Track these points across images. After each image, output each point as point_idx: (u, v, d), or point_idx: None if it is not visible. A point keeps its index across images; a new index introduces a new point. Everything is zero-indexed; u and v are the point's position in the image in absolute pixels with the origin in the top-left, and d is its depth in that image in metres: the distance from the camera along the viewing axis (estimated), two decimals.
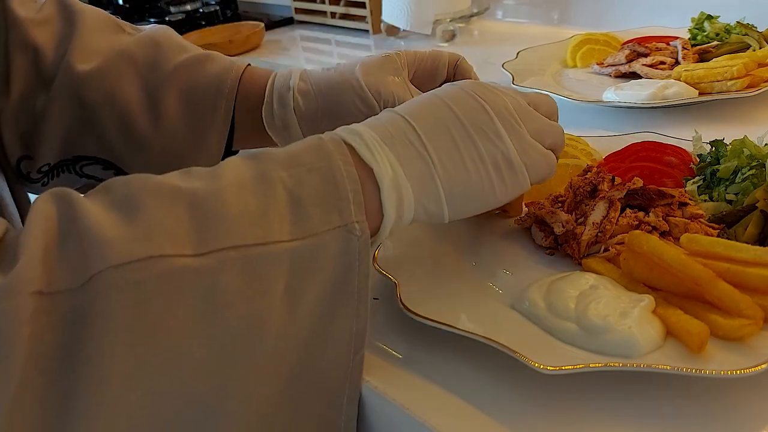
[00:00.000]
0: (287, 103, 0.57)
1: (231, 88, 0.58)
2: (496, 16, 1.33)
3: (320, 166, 0.37)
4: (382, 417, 0.41)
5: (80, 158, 0.60)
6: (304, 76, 0.58)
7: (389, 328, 0.45)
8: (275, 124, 0.58)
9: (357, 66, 0.56)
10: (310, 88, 0.57)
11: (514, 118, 0.42)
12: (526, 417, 0.37)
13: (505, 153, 0.41)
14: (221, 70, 0.59)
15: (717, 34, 0.91)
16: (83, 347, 0.30)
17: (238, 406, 0.35)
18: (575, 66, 0.94)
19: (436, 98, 0.43)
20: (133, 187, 0.34)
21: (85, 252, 0.31)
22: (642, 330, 0.38)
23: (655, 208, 0.49)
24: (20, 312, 0.29)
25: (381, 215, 0.39)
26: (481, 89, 0.43)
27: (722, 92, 0.73)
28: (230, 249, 0.33)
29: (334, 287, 0.36)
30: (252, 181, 0.36)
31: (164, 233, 0.32)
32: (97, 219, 0.32)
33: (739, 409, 0.36)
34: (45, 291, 0.30)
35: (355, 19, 1.36)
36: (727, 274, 0.39)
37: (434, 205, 0.40)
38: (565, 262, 0.49)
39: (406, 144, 0.40)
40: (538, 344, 0.39)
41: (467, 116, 0.41)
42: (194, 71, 0.59)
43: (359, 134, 0.39)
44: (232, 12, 1.67)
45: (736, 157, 0.52)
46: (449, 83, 0.45)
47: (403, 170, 0.39)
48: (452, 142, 0.40)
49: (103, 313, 0.30)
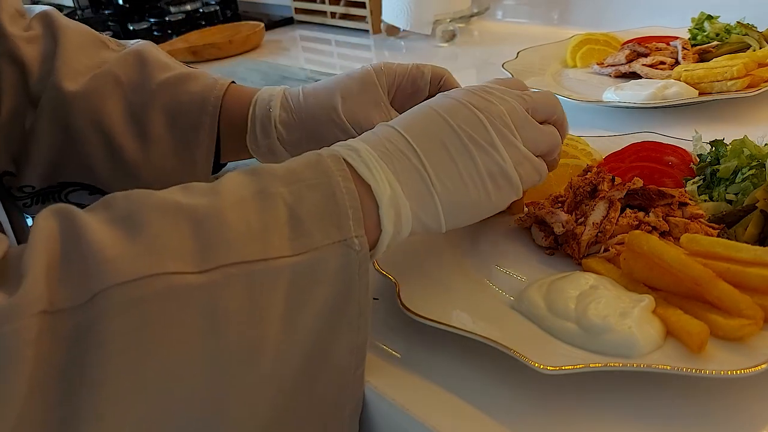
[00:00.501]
0: (270, 134, 0.57)
1: (214, 106, 0.58)
2: (496, 16, 1.33)
3: (320, 182, 0.37)
4: (382, 417, 0.41)
5: (66, 185, 0.60)
6: (285, 104, 0.58)
7: (389, 328, 0.45)
8: (260, 150, 0.59)
9: (337, 93, 0.55)
10: (291, 118, 0.57)
11: (510, 129, 0.42)
12: (526, 417, 0.37)
13: (501, 164, 0.41)
14: (204, 88, 0.59)
15: (717, 34, 0.91)
16: (86, 365, 0.30)
17: (239, 423, 0.35)
18: (575, 66, 0.94)
19: (432, 110, 0.42)
20: (134, 202, 0.34)
21: (88, 270, 0.31)
22: (642, 330, 0.38)
23: (655, 208, 0.49)
24: (26, 333, 0.29)
25: (379, 230, 0.39)
26: (476, 99, 0.43)
27: (722, 92, 0.73)
28: (232, 265, 0.33)
29: (335, 302, 0.36)
30: (252, 198, 0.36)
31: (167, 250, 0.32)
32: (100, 236, 0.32)
33: (739, 409, 0.36)
34: (48, 310, 0.30)
35: (355, 19, 1.36)
36: (727, 274, 0.39)
37: (432, 219, 0.41)
38: (565, 262, 0.49)
39: (403, 160, 0.40)
40: (538, 344, 0.39)
41: (463, 128, 0.41)
42: (177, 89, 0.59)
43: (357, 151, 0.40)
44: (232, 12, 1.67)
45: (736, 157, 0.52)
46: (443, 93, 0.44)
47: (401, 186, 0.39)
48: (448, 155, 0.40)
49: (106, 331, 0.30)
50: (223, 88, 0.59)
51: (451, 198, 0.40)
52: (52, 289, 0.30)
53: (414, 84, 0.57)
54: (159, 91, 0.59)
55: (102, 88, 0.58)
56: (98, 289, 0.30)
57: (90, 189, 0.60)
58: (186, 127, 0.58)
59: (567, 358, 0.38)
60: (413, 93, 0.57)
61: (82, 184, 0.60)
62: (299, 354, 0.36)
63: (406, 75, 0.57)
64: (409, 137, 0.41)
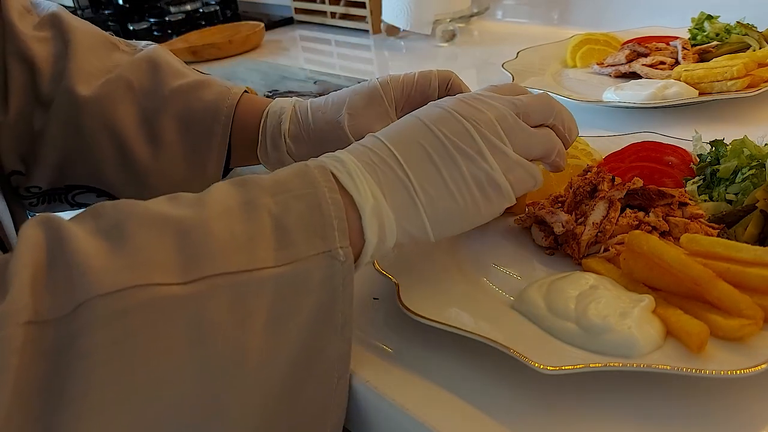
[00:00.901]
0: (280, 147, 0.58)
1: (227, 115, 0.59)
2: (496, 16, 1.33)
3: (306, 193, 0.37)
4: (382, 417, 0.41)
5: (73, 187, 0.60)
6: (294, 118, 0.58)
7: (389, 328, 0.45)
8: (270, 161, 0.60)
9: (343, 109, 0.56)
10: (299, 133, 0.58)
11: (498, 136, 0.42)
12: (526, 417, 0.37)
13: (489, 173, 0.41)
14: (217, 96, 0.59)
15: (717, 34, 0.91)
16: (69, 376, 0.30)
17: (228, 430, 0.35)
18: (575, 66, 0.94)
19: (418, 121, 0.42)
20: (121, 213, 0.34)
21: (72, 280, 0.31)
22: (642, 330, 0.38)
23: (655, 208, 0.49)
24: (11, 341, 0.29)
25: (363, 241, 0.39)
26: (464, 107, 0.42)
27: (722, 92, 0.73)
28: (217, 276, 0.33)
29: (319, 312, 0.36)
30: (238, 208, 0.36)
31: (151, 262, 0.32)
32: (85, 247, 0.32)
33: (739, 409, 0.36)
34: (32, 320, 0.30)
35: (355, 19, 1.36)
36: (727, 274, 0.39)
37: (417, 229, 0.40)
38: (565, 262, 0.49)
39: (388, 170, 0.40)
40: (538, 344, 0.39)
41: (449, 137, 0.41)
42: (190, 96, 0.59)
43: (343, 162, 0.40)
44: (232, 12, 1.67)
45: (736, 157, 0.52)
46: (432, 102, 0.44)
47: (385, 198, 0.39)
48: (433, 166, 0.40)
49: (89, 343, 0.30)
50: (236, 98, 0.59)
51: (437, 208, 0.40)
52: (37, 299, 0.30)
53: (423, 93, 0.57)
54: (172, 97, 0.59)
55: (114, 93, 0.58)
56: (82, 299, 0.30)
57: (97, 192, 0.60)
58: (198, 134, 0.58)
59: (567, 358, 0.38)
60: (423, 101, 0.57)
61: (90, 187, 0.60)
62: (284, 362, 0.36)
63: (414, 84, 0.57)
64: (393, 148, 0.41)
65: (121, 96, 0.58)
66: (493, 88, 0.46)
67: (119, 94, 0.58)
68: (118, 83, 0.59)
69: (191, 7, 1.60)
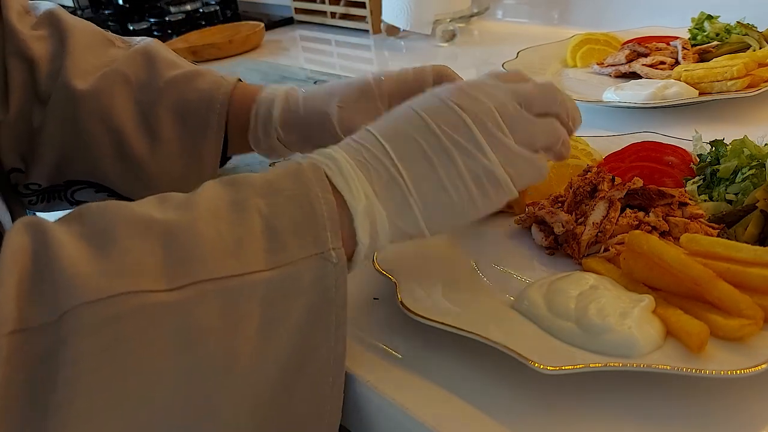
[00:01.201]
0: (270, 134, 0.58)
1: (222, 104, 0.58)
2: (496, 16, 1.33)
3: (298, 193, 0.37)
4: (382, 417, 0.41)
5: (72, 183, 0.60)
6: (285, 105, 0.58)
7: (389, 328, 0.45)
8: (262, 147, 0.60)
9: (333, 100, 0.55)
10: (289, 120, 0.58)
11: (498, 126, 0.40)
12: (526, 417, 0.37)
13: (487, 166, 0.39)
14: (212, 86, 0.59)
15: (717, 34, 0.91)
16: (56, 383, 0.30)
17: None
18: (575, 66, 0.95)
19: (412, 111, 0.41)
20: (107, 217, 0.34)
21: (57, 288, 0.30)
22: (642, 330, 0.38)
23: (655, 208, 0.49)
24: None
25: (355, 241, 0.38)
26: (461, 96, 0.40)
27: (722, 92, 0.73)
28: (206, 282, 0.33)
29: (311, 315, 0.36)
30: (227, 209, 0.36)
31: (138, 268, 0.32)
32: (71, 253, 0.32)
33: (739, 409, 0.36)
34: (18, 329, 0.29)
35: (355, 19, 1.36)
36: (727, 274, 0.39)
37: (411, 226, 0.40)
38: (565, 262, 0.49)
39: (380, 168, 0.39)
40: (538, 344, 0.39)
41: (444, 129, 0.39)
42: (185, 87, 0.59)
43: (336, 161, 0.39)
44: (232, 12, 1.67)
45: (736, 157, 0.52)
46: (429, 91, 0.42)
47: (377, 197, 0.38)
48: (427, 162, 0.39)
49: (76, 350, 0.30)
50: (230, 86, 0.59)
51: (431, 204, 0.39)
52: (22, 307, 0.30)
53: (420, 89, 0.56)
54: (167, 88, 0.59)
55: (110, 86, 0.58)
56: (67, 307, 0.30)
57: (96, 187, 0.60)
58: (194, 124, 0.58)
59: (567, 358, 0.38)
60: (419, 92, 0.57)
61: (89, 183, 0.60)
62: (276, 365, 0.35)
63: (408, 81, 0.56)
64: (386, 144, 0.39)
65: (118, 89, 0.58)
66: (495, 75, 0.44)
67: (115, 88, 0.58)
68: (114, 77, 0.59)
69: (191, 7, 1.60)
